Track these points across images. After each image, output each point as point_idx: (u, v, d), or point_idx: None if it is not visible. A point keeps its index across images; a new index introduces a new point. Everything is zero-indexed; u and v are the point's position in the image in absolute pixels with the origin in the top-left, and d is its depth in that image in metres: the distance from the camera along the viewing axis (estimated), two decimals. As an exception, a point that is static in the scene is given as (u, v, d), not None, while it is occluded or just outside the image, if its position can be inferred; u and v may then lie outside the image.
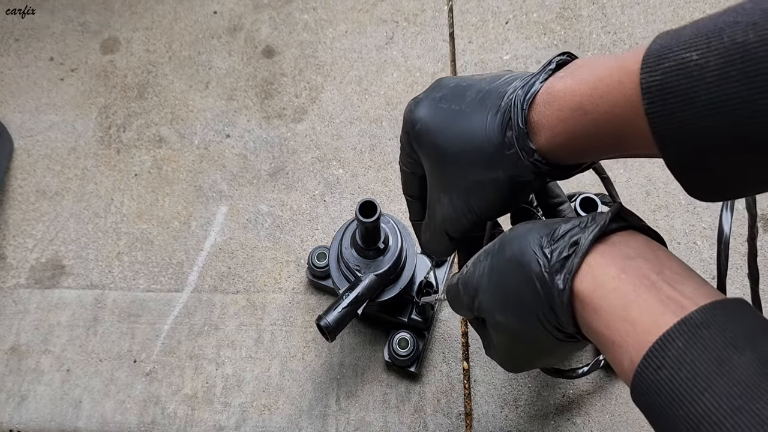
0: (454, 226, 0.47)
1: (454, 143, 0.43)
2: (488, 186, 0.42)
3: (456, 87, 0.45)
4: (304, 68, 0.87)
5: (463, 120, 0.42)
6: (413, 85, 0.84)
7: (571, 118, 0.37)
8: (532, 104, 0.39)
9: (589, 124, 0.36)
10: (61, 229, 0.78)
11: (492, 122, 0.40)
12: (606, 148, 0.37)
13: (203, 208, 0.78)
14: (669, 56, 0.31)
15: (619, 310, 0.34)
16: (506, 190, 0.42)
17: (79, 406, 0.68)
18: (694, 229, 0.73)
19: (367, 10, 0.90)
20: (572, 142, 0.37)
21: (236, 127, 0.83)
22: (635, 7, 0.88)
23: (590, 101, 0.35)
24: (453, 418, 0.65)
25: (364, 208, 0.57)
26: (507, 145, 0.40)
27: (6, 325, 0.73)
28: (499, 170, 0.41)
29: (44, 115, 0.86)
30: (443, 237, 0.48)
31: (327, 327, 0.58)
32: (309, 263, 0.70)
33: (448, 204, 0.45)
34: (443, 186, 0.45)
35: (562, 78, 0.38)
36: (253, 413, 0.67)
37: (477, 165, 0.42)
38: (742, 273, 0.70)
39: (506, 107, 0.40)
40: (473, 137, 0.41)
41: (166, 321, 0.72)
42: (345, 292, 0.60)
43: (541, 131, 0.38)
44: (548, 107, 0.38)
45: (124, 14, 0.92)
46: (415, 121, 0.46)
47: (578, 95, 0.36)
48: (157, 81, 0.87)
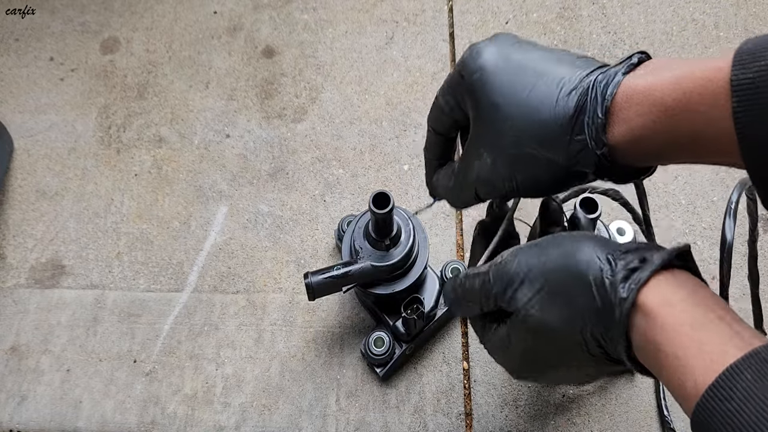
0: (487, 188, 0.44)
1: (517, 111, 0.40)
2: (541, 164, 0.40)
3: (526, 48, 0.41)
4: (304, 68, 0.87)
5: (531, 88, 0.40)
6: (413, 85, 0.84)
7: (650, 114, 0.35)
8: (613, 97, 0.37)
9: (668, 121, 0.35)
10: (61, 229, 0.78)
11: (564, 101, 0.38)
12: (680, 151, 0.36)
13: (203, 208, 0.78)
14: (764, 55, 0.30)
15: (688, 328, 0.34)
16: (558, 174, 0.40)
17: (79, 406, 0.68)
18: (694, 229, 0.73)
19: (367, 10, 0.90)
20: (647, 140, 0.36)
21: (236, 127, 0.83)
22: (635, 7, 0.88)
23: (672, 98, 0.34)
24: (453, 418, 0.65)
25: (378, 199, 0.57)
26: (576, 130, 0.38)
27: (6, 325, 0.73)
28: (560, 153, 0.39)
29: (44, 115, 0.86)
30: (469, 193, 0.45)
31: (308, 285, 0.60)
32: (338, 228, 0.72)
33: (489, 165, 0.42)
34: (490, 145, 0.42)
35: (643, 75, 0.37)
36: (253, 413, 0.67)
37: (536, 141, 0.39)
38: (741, 274, 0.70)
39: (583, 91, 0.38)
40: (540, 109, 0.39)
41: (166, 321, 0.72)
42: (339, 265, 0.61)
43: (616, 125, 0.37)
44: (627, 101, 0.36)
45: (124, 14, 0.92)
46: (476, 69, 0.41)
47: (660, 91, 0.35)
48: (157, 81, 0.87)
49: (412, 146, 0.80)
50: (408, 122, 0.82)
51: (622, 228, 0.69)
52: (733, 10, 0.86)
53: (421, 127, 0.81)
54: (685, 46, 0.84)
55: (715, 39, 0.84)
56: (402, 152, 0.80)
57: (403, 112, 0.83)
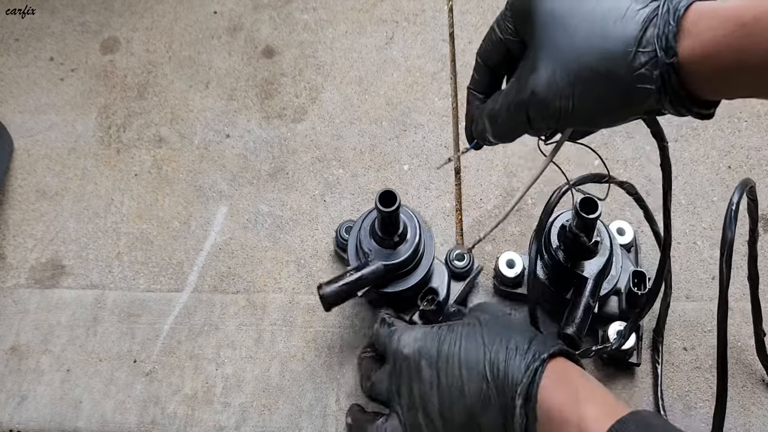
0: (540, 108, 0.41)
1: (582, 19, 0.38)
2: (601, 77, 0.38)
3: None
4: (304, 68, 0.87)
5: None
6: (413, 85, 0.84)
7: (724, 28, 0.34)
8: (687, 8, 0.36)
9: (744, 38, 0.34)
10: (61, 229, 0.78)
11: (634, 10, 0.37)
12: (751, 77, 0.35)
13: (203, 208, 0.78)
14: None
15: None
16: (619, 92, 0.38)
17: (79, 406, 0.68)
18: (694, 229, 0.73)
19: (367, 10, 0.90)
20: (716, 57, 0.35)
21: (236, 127, 0.83)
22: (635, 7, 0.88)
23: (751, 13, 0.33)
24: (453, 418, 0.65)
25: (384, 197, 0.57)
26: (645, 42, 0.36)
27: (6, 325, 0.73)
28: (624, 67, 0.37)
29: (44, 115, 0.86)
30: (520, 113, 0.43)
31: (322, 297, 0.59)
32: (337, 234, 0.71)
33: (545, 78, 0.40)
34: (549, 56, 0.40)
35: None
36: (253, 413, 0.67)
37: (600, 52, 0.37)
38: (742, 273, 0.70)
39: (654, 6, 0.37)
40: (606, 20, 0.38)
41: (166, 321, 0.72)
42: (350, 271, 0.61)
43: (685, 39, 0.36)
44: (700, 16, 0.35)
45: (124, 14, 0.92)
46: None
47: (737, 8, 0.34)
48: (157, 81, 0.87)
49: (412, 146, 0.80)
50: (408, 122, 0.82)
51: (622, 228, 0.69)
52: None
53: (421, 127, 0.81)
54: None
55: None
56: (402, 152, 0.80)
57: (403, 112, 0.83)
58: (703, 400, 0.65)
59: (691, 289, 0.70)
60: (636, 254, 0.69)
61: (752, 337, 0.65)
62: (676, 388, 0.65)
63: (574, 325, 0.58)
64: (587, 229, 0.59)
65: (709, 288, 0.70)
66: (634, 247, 0.69)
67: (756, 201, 0.56)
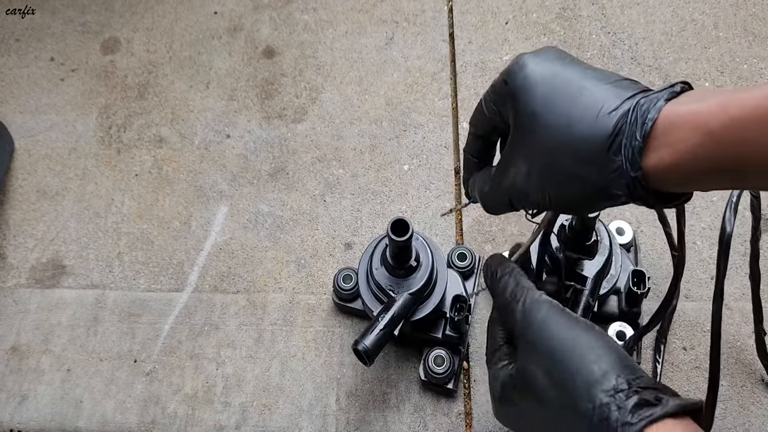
0: (519, 197, 0.44)
1: (556, 123, 0.40)
2: (575, 182, 0.40)
3: (571, 64, 0.42)
4: (305, 68, 0.87)
5: (572, 103, 0.40)
6: (413, 86, 0.84)
7: (693, 138, 0.35)
8: (655, 122, 0.37)
9: (712, 146, 0.35)
10: (62, 229, 0.78)
11: (604, 121, 0.38)
12: (722, 176, 0.36)
13: (203, 208, 0.78)
14: None
15: None
16: (591, 193, 0.40)
17: (79, 405, 0.68)
18: (693, 229, 0.73)
19: (367, 11, 0.91)
20: (689, 165, 0.36)
21: (236, 128, 0.83)
22: (635, 7, 0.88)
23: (718, 122, 0.34)
24: (453, 418, 0.66)
25: (396, 226, 0.56)
26: (613, 151, 0.38)
27: (6, 324, 0.73)
28: (594, 172, 0.39)
29: (45, 115, 0.86)
30: (504, 199, 0.46)
31: (366, 351, 0.57)
32: (335, 286, 0.68)
33: (523, 174, 0.42)
34: (526, 154, 0.42)
35: (686, 102, 0.37)
36: (254, 413, 0.67)
37: (572, 156, 0.39)
38: (741, 273, 0.70)
39: (624, 112, 0.38)
40: (579, 127, 0.39)
41: (167, 321, 0.72)
42: (380, 314, 0.59)
43: (657, 150, 0.37)
44: (669, 126, 0.36)
45: (125, 14, 0.93)
46: (521, 77, 0.42)
47: (705, 115, 0.35)
48: (158, 81, 0.87)
49: (412, 146, 0.80)
50: (408, 122, 0.82)
51: (622, 228, 0.69)
52: (732, 11, 0.86)
53: (421, 127, 0.81)
54: (685, 47, 0.84)
55: (714, 39, 0.84)
56: (402, 152, 0.80)
57: (403, 112, 0.83)
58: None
59: (691, 288, 0.70)
60: (635, 254, 0.69)
61: (752, 337, 0.65)
62: (675, 387, 0.65)
63: None
64: (586, 228, 0.60)
65: (708, 288, 0.70)
66: (634, 246, 0.70)
67: (758, 198, 0.56)
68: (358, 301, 0.68)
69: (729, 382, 0.65)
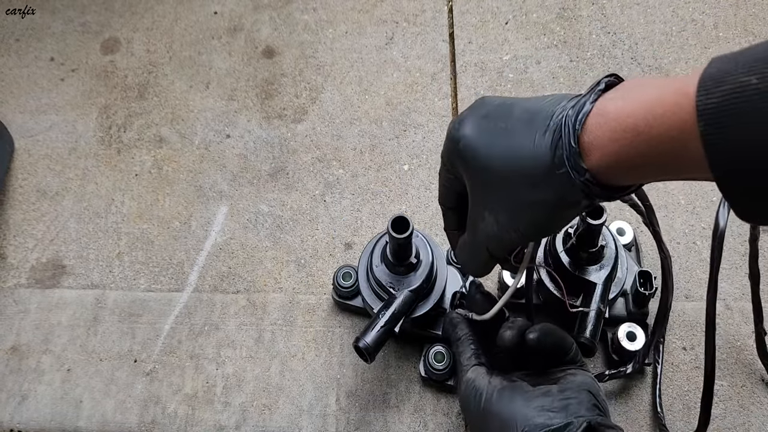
0: (498, 244, 0.46)
1: (501, 163, 0.42)
2: (537, 206, 0.42)
3: (501, 105, 0.44)
4: (305, 68, 0.87)
5: (509, 139, 0.42)
6: (413, 86, 0.84)
7: (624, 138, 0.36)
8: (584, 125, 0.38)
9: (642, 144, 0.36)
10: (62, 229, 0.78)
11: (541, 142, 0.40)
12: (659, 170, 0.37)
13: (203, 208, 0.78)
14: (727, 80, 0.31)
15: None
16: (555, 211, 0.42)
17: (79, 405, 0.68)
18: (693, 229, 0.73)
19: (367, 11, 0.91)
20: (624, 162, 0.37)
21: (236, 128, 0.83)
22: (635, 7, 0.88)
23: (645, 123, 0.35)
24: (453, 418, 0.66)
25: (396, 224, 0.56)
26: (557, 165, 0.39)
27: (6, 324, 0.73)
28: (549, 190, 0.40)
29: (45, 115, 0.86)
30: (484, 254, 0.48)
31: (366, 348, 0.57)
32: (334, 284, 0.68)
33: (492, 222, 0.45)
34: (487, 205, 0.45)
35: (613, 99, 0.38)
36: (254, 413, 0.67)
37: (525, 185, 0.41)
38: (741, 273, 0.70)
39: (556, 127, 0.39)
40: (521, 157, 0.41)
41: (167, 321, 0.72)
42: (381, 311, 0.59)
43: (593, 152, 0.38)
44: (600, 128, 0.38)
45: (125, 14, 0.93)
46: (459, 138, 0.45)
47: (632, 116, 0.36)
48: (158, 81, 0.87)
49: (412, 146, 0.80)
50: (408, 122, 0.82)
51: (622, 228, 0.69)
52: (732, 11, 0.86)
53: (421, 127, 0.81)
54: (685, 47, 0.84)
55: (714, 39, 0.85)
56: (402, 152, 0.80)
57: (403, 112, 0.83)
58: (703, 400, 0.65)
59: (691, 289, 0.70)
60: (637, 253, 0.69)
61: (752, 337, 0.65)
62: (675, 387, 0.66)
63: (588, 333, 0.58)
64: (593, 234, 0.59)
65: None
66: (635, 246, 0.70)
67: None
68: (357, 298, 0.68)
69: (729, 382, 0.65)
